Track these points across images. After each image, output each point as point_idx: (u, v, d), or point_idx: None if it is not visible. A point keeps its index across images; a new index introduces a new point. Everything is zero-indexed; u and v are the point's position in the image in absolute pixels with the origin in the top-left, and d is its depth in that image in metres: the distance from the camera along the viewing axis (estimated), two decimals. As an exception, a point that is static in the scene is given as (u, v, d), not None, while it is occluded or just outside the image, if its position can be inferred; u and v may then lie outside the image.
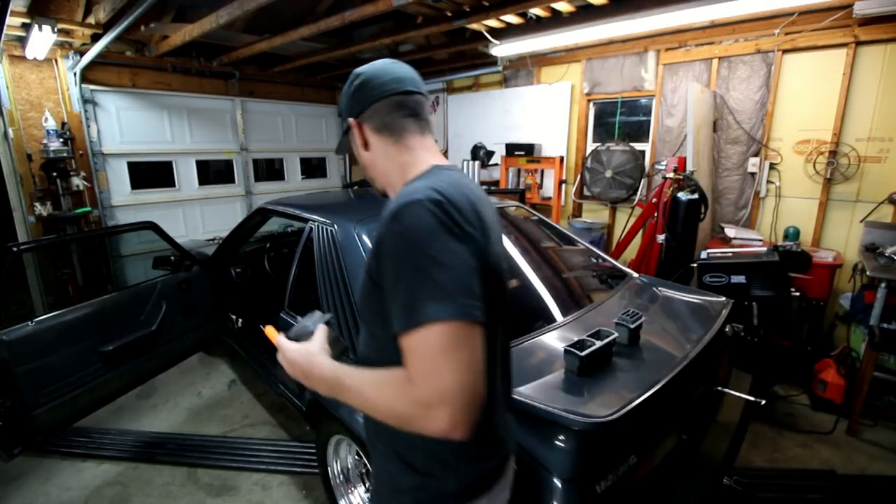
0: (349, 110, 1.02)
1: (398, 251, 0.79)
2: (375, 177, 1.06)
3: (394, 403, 0.77)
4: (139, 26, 4.01)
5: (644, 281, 2.44)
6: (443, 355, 0.72)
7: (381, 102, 0.97)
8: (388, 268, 0.80)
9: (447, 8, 3.39)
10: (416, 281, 0.75)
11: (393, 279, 0.79)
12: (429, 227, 0.77)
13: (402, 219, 0.79)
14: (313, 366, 0.90)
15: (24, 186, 4.22)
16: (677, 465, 1.60)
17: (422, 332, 0.73)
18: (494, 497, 0.95)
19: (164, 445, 2.74)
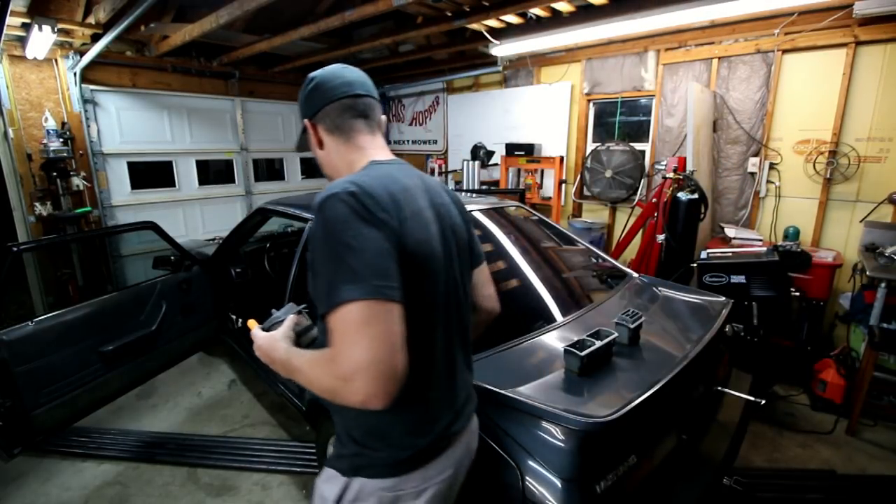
0: (304, 111, 1.10)
1: (319, 241, 0.87)
2: (331, 173, 1.12)
3: (322, 379, 0.86)
4: (139, 26, 4.02)
5: (644, 281, 2.44)
6: (356, 332, 0.80)
7: (332, 105, 1.05)
8: (315, 257, 0.89)
9: (447, 8, 3.40)
10: (333, 266, 0.83)
11: (317, 266, 0.87)
12: (343, 216, 0.85)
13: (322, 211, 0.87)
14: (273, 350, 1.00)
15: (24, 186, 4.22)
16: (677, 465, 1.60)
17: (338, 312, 0.81)
18: (430, 474, 1.01)
19: (164, 445, 2.74)
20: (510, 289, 2.13)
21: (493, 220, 2.45)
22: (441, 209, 1.07)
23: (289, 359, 0.96)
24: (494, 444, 1.29)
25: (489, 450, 1.29)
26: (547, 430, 1.24)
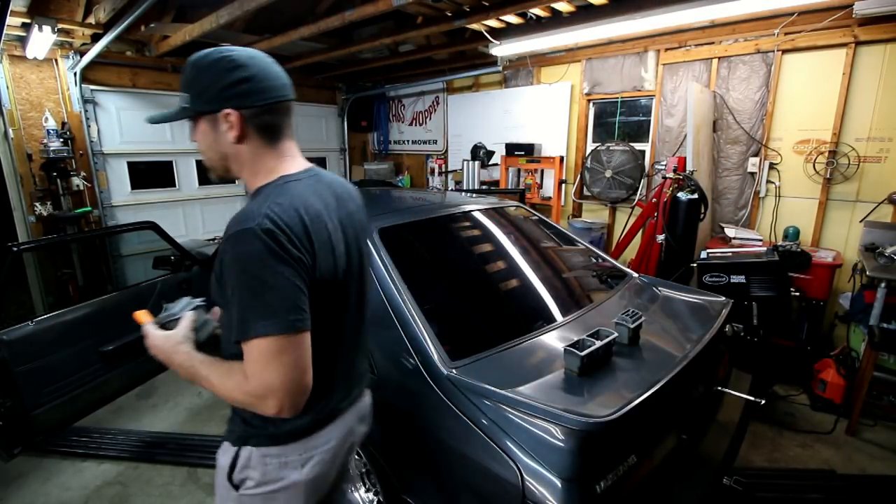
0: (226, 97, 0.99)
1: (234, 272, 0.92)
2: (229, 165, 1.08)
3: (234, 393, 0.97)
4: (139, 26, 4.01)
5: (644, 281, 2.44)
6: (268, 361, 0.90)
7: (270, 105, 1.02)
8: (228, 282, 0.93)
9: (447, 8, 3.39)
10: (247, 300, 0.91)
11: (230, 293, 0.93)
12: (259, 254, 0.89)
13: (237, 245, 0.91)
14: (174, 353, 1.06)
15: (24, 186, 4.23)
16: (677, 465, 1.60)
17: (253, 342, 0.90)
18: (315, 444, 1.12)
19: (164, 445, 2.75)
20: (510, 289, 2.13)
21: (493, 220, 2.45)
22: (347, 219, 1.11)
23: (192, 365, 1.03)
24: (495, 443, 1.29)
25: (489, 449, 1.30)
26: (547, 430, 1.24)
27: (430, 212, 2.32)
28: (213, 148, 1.05)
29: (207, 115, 1.02)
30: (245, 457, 1.09)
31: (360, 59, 5.41)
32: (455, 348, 1.60)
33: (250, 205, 0.98)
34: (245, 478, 1.10)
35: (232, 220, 0.94)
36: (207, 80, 1.00)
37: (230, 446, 1.12)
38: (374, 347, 1.73)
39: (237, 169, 1.08)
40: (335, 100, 6.81)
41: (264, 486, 1.10)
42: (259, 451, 1.08)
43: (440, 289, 2.05)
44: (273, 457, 1.08)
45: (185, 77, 1.03)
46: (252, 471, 1.09)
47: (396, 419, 1.61)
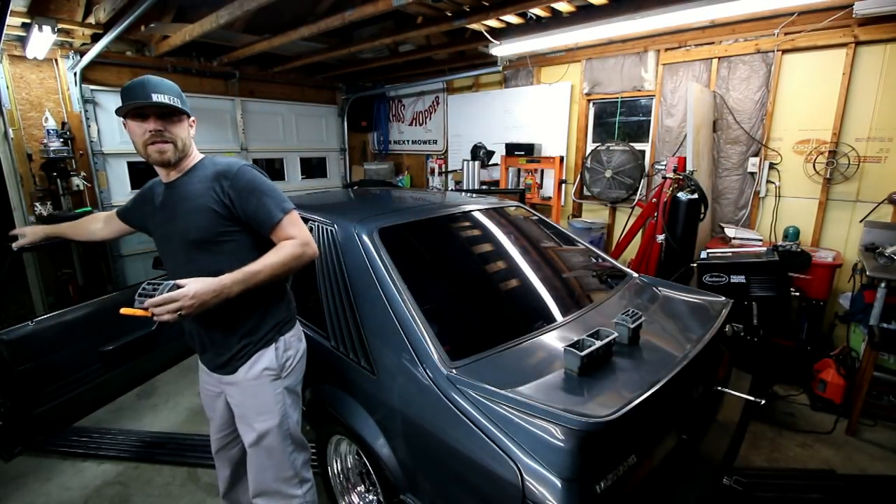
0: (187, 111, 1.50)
1: (256, 184, 1.45)
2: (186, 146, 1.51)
3: (293, 251, 1.42)
4: (139, 26, 4.02)
5: (644, 281, 2.44)
6: (299, 223, 1.49)
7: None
8: (251, 198, 1.44)
9: (447, 8, 3.39)
10: (274, 196, 1.46)
11: (257, 200, 1.44)
12: (260, 174, 1.50)
13: (248, 172, 1.47)
14: (222, 280, 1.32)
15: (24, 186, 4.23)
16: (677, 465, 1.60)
17: (292, 213, 1.47)
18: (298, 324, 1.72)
19: (164, 445, 2.75)
20: (510, 289, 2.13)
21: (493, 220, 2.45)
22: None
23: (247, 271, 1.35)
24: (494, 443, 1.29)
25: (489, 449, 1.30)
26: (547, 430, 1.24)
27: (429, 212, 2.32)
28: (186, 138, 1.50)
29: (189, 116, 1.52)
30: (283, 343, 1.58)
31: (360, 59, 5.41)
32: (455, 348, 1.60)
33: (220, 160, 1.53)
34: (287, 358, 1.59)
35: (224, 166, 1.48)
36: (183, 96, 1.49)
37: (266, 347, 1.55)
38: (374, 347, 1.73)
39: (188, 152, 1.53)
40: (335, 100, 6.81)
41: (296, 357, 1.62)
42: (289, 333, 1.61)
43: (440, 289, 2.05)
44: (294, 334, 1.64)
45: (174, 89, 1.44)
46: (290, 350, 1.60)
47: (396, 419, 1.61)
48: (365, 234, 1.92)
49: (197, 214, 1.44)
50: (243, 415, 1.60)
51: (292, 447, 1.62)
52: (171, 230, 1.52)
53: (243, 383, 1.55)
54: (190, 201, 1.46)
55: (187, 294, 1.25)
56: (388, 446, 1.64)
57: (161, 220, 1.56)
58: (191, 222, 1.45)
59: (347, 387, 1.83)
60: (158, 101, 1.36)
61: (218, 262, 1.44)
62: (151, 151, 1.43)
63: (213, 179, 1.45)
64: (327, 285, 1.97)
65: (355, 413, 1.75)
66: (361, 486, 2.04)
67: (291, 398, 1.61)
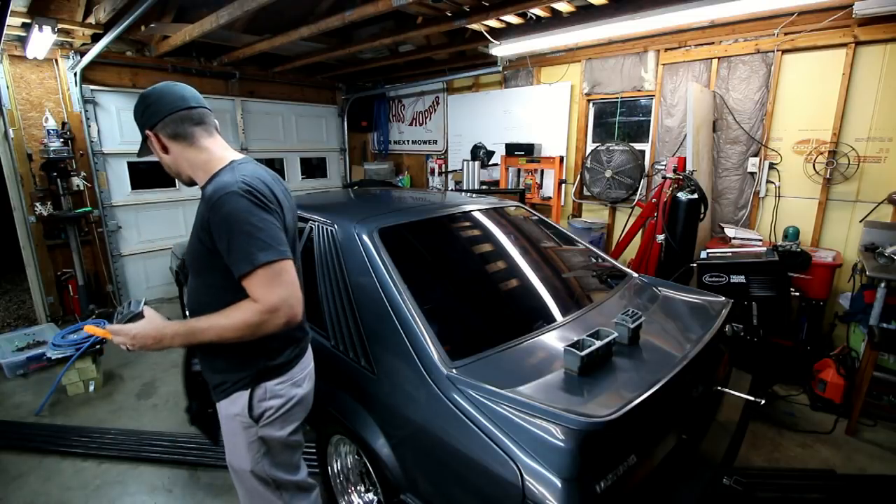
0: (143, 124, 1.33)
1: (229, 225, 1.19)
2: (180, 171, 1.39)
3: (248, 319, 1.19)
4: (139, 26, 4.02)
5: (644, 281, 2.44)
6: (273, 282, 1.20)
7: (170, 117, 1.31)
8: (223, 238, 1.20)
9: (447, 8, 3.39)
10: (245, 243, 1.19)
11: (228, 243, 1.20)
12: (246, 206, 1.20)
13: (226, 204, 1.19)
14: (164, 328, 1.25)
15: (24, 186, 4.23)
16: (677, 464, 1.60)
17: (259, 270, 1.18)
18: (302, 366, 1.49)
19: (164, 445, 2.74)
20: (510, 289, 2.13)
21: (493, 220, 2.45)
22: (286, 192, 1.46)
23: (189, 327, 1.25)
24: (494, 443, 1.29)
25: (489, 449, 1.30)
26: (547, 430, 1.24)
27: (429, 212, 2.32)
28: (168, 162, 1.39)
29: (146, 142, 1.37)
30: (261, 392, 1.38)
31: (360, 59, 5.41)
32: (455, 348, 1.60)
33: (221, 178, 1.27)
34: (266, 408, 1.38)
35: (210, 191, 1.24)
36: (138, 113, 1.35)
37: (240, 393, 1.37)
38: (374, 347, 1.73)
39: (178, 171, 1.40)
40: (335, 100, 6.81)
41: (283, 407, 1.41)
42: (272, 382, 1.39)
43: (440, 289, 2.05)
44: (284, 382, 1.41)
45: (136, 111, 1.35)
46: (271, 400, 1.39)
47: (396, 419, 1.61)
48: (365, 234, 1.92)
49: (192, 237, 1.36)
50: (224, 443, 1.49)
51: (270, 487, 1.47)
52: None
53: (222, 418, 1.45)
54: (194, 221, 1.37)
55: (129, 332, 1.25)
56: (388, 446, 1.64)
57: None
58: (188, 245, 1.42)
59: (347, 387, 1.83)
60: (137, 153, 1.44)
61: (202, 292, 1.39)
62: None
63: (204, 203, 1.28)
64: (327, 285, 1.97)
65: (355, 413, 1.75)
66: (361, 485, 2.04)
67: (268, 447, 1.42)
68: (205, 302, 1.34)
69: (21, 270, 4.61)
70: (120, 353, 3.98)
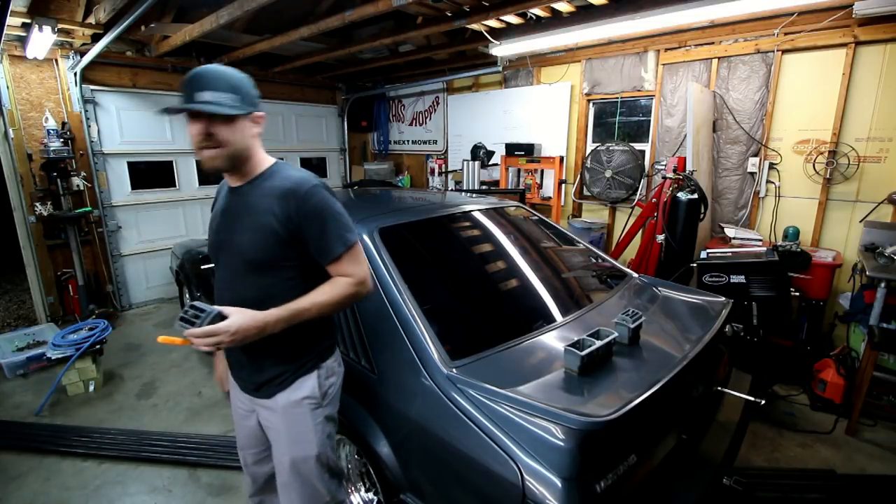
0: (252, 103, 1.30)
1: (321, 214, 1.31)
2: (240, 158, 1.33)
3: (347, 291, 1.33)
4: (139, 26, 4.02)
5: (644, 281, 2.44)
6: (360, 257, 1.38)
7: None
8: (315, 225, 1.31)
9: (447, 8, 3.39)
10: (336, 225, 1.33)
11: (321, 229, 1.31)
12: (330, 196, 1.34)
13: (316, 194, 1.31)
14: (266, 317, 1.25)
15: (24, 186, 4.23)
16: (677, 464, 1.60)
17: (354, 248, 1.35)
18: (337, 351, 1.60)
19: (165, 445, 2.74)
20: (510, 289, 2.13)
21: (493, 220, 2.45)
22: None
23: (289, 310, 1.27)
24: (495, 443, 1.29)
25: (489, 449, 1.30)
26: (547, 430, 1.24)
27: (429, 212, 2.32)
28: (241, 141, 1.30)
29: (248, 115, 1.30)
30: (325, 370, 1.48)
31: (360, 59, 5.41)
32: (455, 348, 1.60)
33: (289, 173, 1.36)
34: (330, 385, 1.50)
35: (290, 185, 1.31)
36: (248, 87, 1.29)
37: (308, 374, 1.44)
38: (374, 347, 1.73)
39: (249, 156, 1.35)
40: (335, 100, 6.81)
41: (337, 384, 1.54)
42: (331, 358, 1.51)
43: (440, 289, 2.05)
44: (335, 359, 1.54)
45: (228, 83, 1.24)
46: (332, 377, 1.51)
47: (396, 419, 1.61)
48: (365, 234, 1.92)
49: (258, 233, 1.32)
50: (278, 440, 1.48)
51: (328, 475, 1.52)
52: (229, 240, 1.39)
53: (282, 410, 1.44)
54: (253, 216, 1.33)
55: (229, 329, 1.18)
56: (388, 445, 1.64)
57: (221, 225, 1.43)
58: (250, 240, 1.33)
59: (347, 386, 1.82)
60: (200, 106, 1.20)
61: (271, 285, 1.35)
62: (202, 157, 1.29)
63: (281, 197, 1.30)
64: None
65: (355, 413, 1.75)
66: (361, 485, 2.04)
67: (331, 427, 1.52)
68: (275, 294, 1.32)
69: (21, 270, 4.61)
70: (120, 353, 3.98)
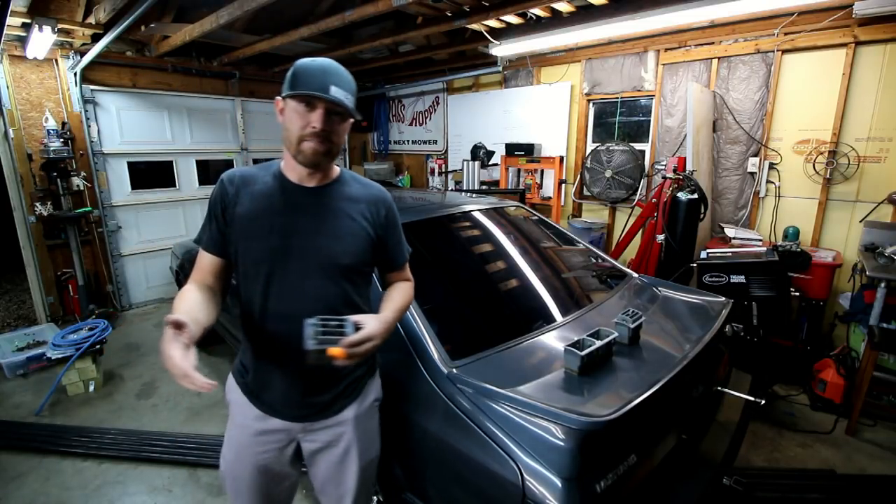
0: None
1: (398, 221, 1.38)
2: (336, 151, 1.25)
3: (411, 293, 1.41)
4: (139, 26, 4.02)
5: (644, 281, 2.44)
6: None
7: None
8: (396, 230, 1.37)
9: (447, 8, 3.39)
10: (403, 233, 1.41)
11: (399, 234, 1.39)
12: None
13: (394, 205, 1.37)
14: (387, 320, 1.22)
15: (24, 186, 4.23)
16: (677, 464, 1.60)
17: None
18: None
19: (164, 445, 2.74)
20: (510, 289, 2.13)
21: (493, 220, 2.45)
22: None
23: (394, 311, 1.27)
24: (495, 443, 1.29)
25: (490, 449, 1.30)
26: (547, 430, 1.25)
27: (429, 212, 2.32)
28: (341, 143, 1.25)
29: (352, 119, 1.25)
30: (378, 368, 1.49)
31: (360, 59, 5.41)
32: (455, 348, 1.60)
33: (366, 180, 1.38)
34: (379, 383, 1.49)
35: (380, 191, 1.35)
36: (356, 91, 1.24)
37: (373, 375, 1.45)
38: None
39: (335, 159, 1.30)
40: (335, 100, 6.81)
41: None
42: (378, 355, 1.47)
43: (440, 289, 2.05)
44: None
45: (352, 86, 1.21)
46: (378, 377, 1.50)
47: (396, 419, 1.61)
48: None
49: (353, 237, 1.26)
50: (348, 454, 1.35)
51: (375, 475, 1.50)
52: (308, 245, 1.23)
53: (355, 420, 1.35)
54: (343, 219, 1.26)
55: (374, 336, 1.12)
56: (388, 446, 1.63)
57: (289, 227, 1.23)
58: (345, 245, 1.25)
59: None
60: (336, 98, 1.14)
61: (352, 291, 1.29)
62: (306, 148, 1.17)
63: (372, 203, 1.30)
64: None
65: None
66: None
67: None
68: (353, 301, 1.28)
69: (21, 270, 4.61)
70: (120, 353, 3.98)
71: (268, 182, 1.27)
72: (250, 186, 1.26)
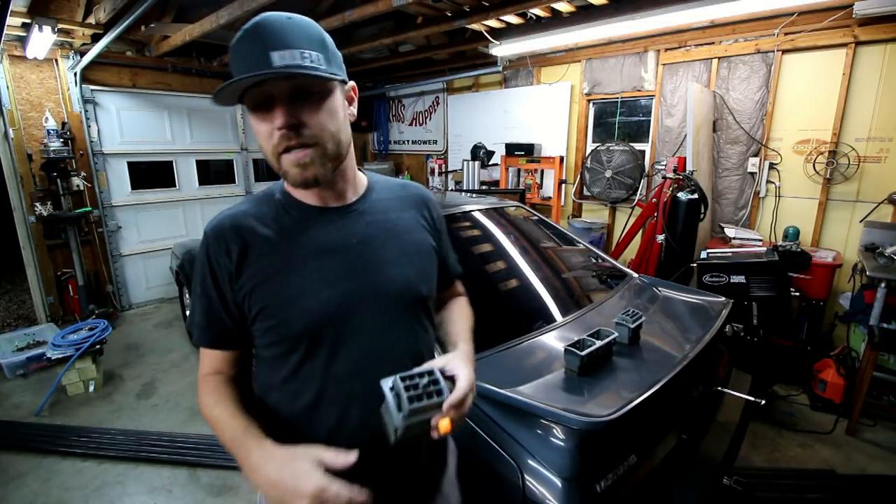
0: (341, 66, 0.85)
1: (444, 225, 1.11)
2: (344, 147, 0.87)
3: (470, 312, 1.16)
4: (139, 26, 4.02)
5: (644, 281, 2.44)
6: None
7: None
8: (447, 236, 1.12)
9: (447, 8, 3.39)
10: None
11: (448, 242, 1.13)
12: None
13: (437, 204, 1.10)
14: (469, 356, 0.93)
15: (24, 186, 4.23)
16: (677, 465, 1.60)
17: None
18: None
19: (164, 445, 2.74)
20: (510, 289, 2.13)
21: (493, 220, 2.45)
22: None
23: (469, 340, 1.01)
24: (495, 443, 1.29)
25: (489, 449, 1.30)
26: (547, 430, 1.25)
27: (430, 212, 2.31)
28: (337, 126, 0.82)
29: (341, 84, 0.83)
30: None
31: (360, 59, 5.41)
32: (455, 348, 1.60)
33: (395, 178, 1.12)
34: None
35: (420, 189, 1.07)
36: (333, 46, 0.82)
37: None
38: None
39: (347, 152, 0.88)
40: (335, 100, 6.81)
41: None
42: None
43: (440, 289, 2.05)
44: None
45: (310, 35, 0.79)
46: None
47: (396, 419, 1.60)
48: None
49: (423, 256, 0.96)
50: None
51: None
52: (373, 282, 0.89)
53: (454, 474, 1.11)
54: (404, 236, 0.94)
55: (473, 385, 0.82)
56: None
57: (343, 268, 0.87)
58: (417, 268, 0.94)
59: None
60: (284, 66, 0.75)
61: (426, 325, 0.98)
62: (287, 165, 0.81)
63: (419, 205, 1.00)
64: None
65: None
66: (361, 485, 2.03)
67: None
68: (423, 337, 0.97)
69: (21, 270, 4.61)
70: (120, 353, 3.98)
71: (280, 218, 0.90)
72: (257, 233, 0.88)
